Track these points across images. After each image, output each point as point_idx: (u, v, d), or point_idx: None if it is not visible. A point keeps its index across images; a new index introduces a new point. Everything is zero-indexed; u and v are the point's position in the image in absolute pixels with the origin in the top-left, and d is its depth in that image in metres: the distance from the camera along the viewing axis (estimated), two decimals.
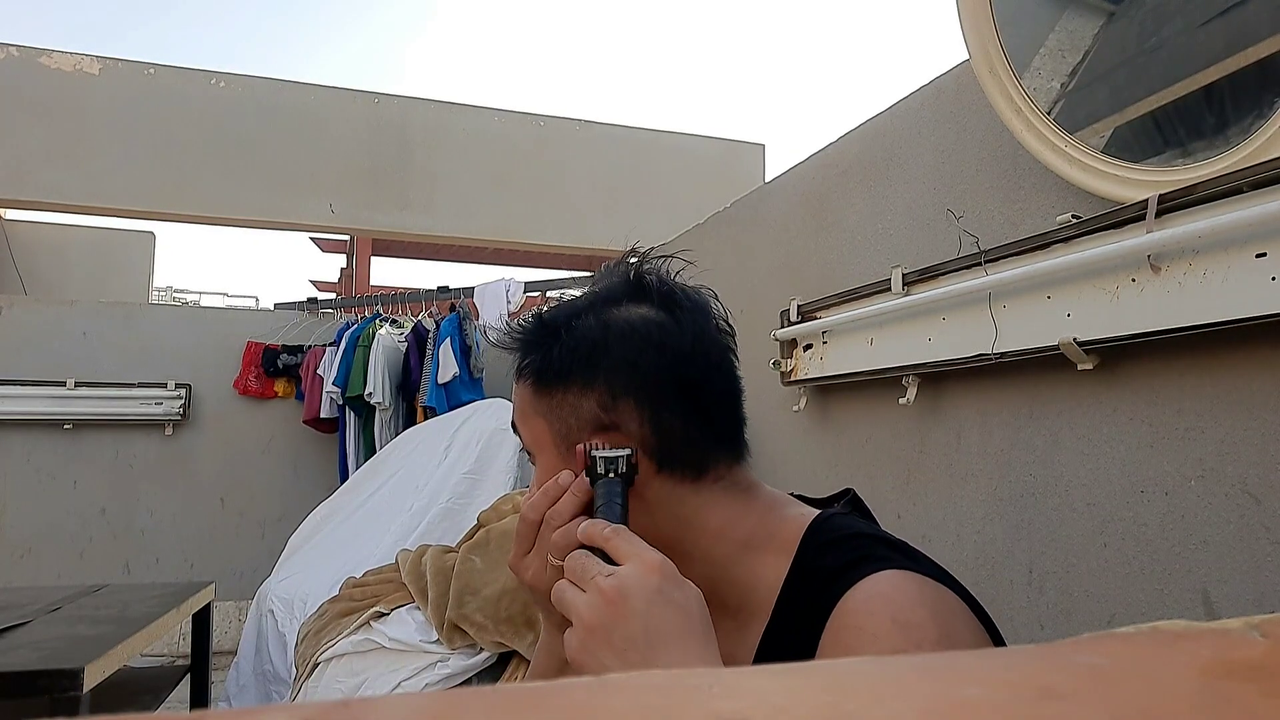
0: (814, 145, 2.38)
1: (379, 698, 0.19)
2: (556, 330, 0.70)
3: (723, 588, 0.67)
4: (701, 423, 0.69)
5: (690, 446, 0.68)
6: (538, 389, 0.70)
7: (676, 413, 0.67)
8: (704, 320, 0.71)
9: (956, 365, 1.45)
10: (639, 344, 0.67)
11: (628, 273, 0.72)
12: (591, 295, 0.72)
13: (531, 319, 0.74)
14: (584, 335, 0.68)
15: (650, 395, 0.67)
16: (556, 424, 0.69)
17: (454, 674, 2.10)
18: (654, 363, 0.67)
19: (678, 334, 0.69)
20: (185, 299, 10.26)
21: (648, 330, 0.68)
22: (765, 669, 0.21)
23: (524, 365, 0.71)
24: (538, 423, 0.70)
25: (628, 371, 0.67)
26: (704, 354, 0.69)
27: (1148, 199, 1.08)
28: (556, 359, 0.69)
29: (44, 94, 4.34)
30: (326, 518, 3.40)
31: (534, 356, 0.71)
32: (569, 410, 0.68)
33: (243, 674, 2.85)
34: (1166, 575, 1.13)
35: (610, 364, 0.67)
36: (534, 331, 0.72)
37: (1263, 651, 0.21)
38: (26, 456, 4.09)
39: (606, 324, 0.69)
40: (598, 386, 0.67)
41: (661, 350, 0.68)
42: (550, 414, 0.69)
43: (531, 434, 0.72)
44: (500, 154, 5.10)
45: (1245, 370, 1.04)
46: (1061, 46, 1.30)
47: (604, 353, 0.67)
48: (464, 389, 4.13)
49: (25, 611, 1.95)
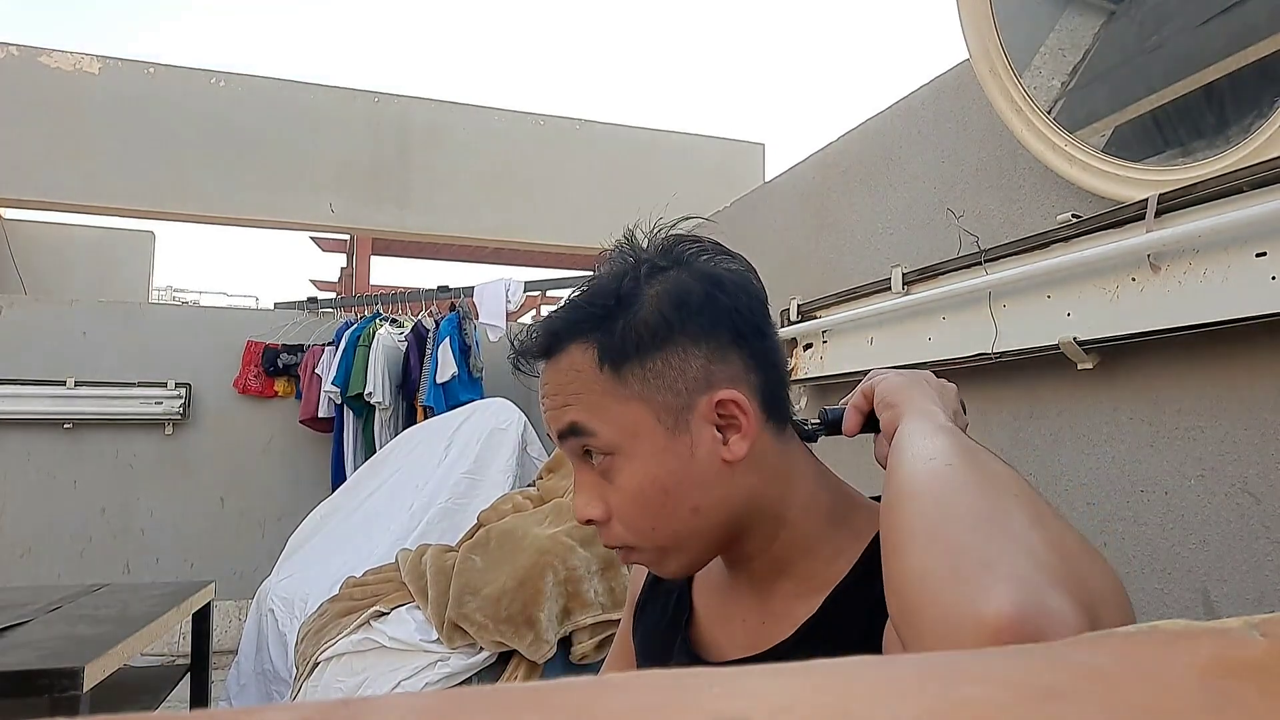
0: (814, 145, 2.38)
1: (379, 697, 0.19)
2: (621, 301, 0.63)
3: (800, 556, 0.66)
4: (782, 367, 0.67)
5: (780, 392, 0.66)
6: (619, 370, 0.62)
7: (768, 357, 0.66)
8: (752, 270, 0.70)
9: (956, 365, 1.45)
10: (734, 290, 0.64)
11: (661, 243, 0.68)
12: (631, 266, 0.65)
13: (566, 307, 0.66)
14: (673, 293, 0.63)
15: (751, 341, 0.64)
16: (658, 399, 0.62)
17: (454, 673, 2.10)
18: (749, 306, 0.65)
19: (753, 279, 0.68)
20: (185, 299, 10.26)
21: (734, 277, 0.66)
22: (765, 669, 0.21)
23: (589, 351, 0.62)
24: (630, 408, 0.62)
25: (730, 318, 0.63)
26: (766, 300, 0.69)
27: (1148, 198, 1.08)
28: (642, 326, 0.62)
29: (44, 94, 4.34)
30: (326, 517, 3.40)
31: (600, 338, 0.62)
32: (672, 377, 0.62)
33: (244, 673, 2.86)
34: (1166, 575, 1.13)
35: (714, 314, 0.63)
36: (586, 312, 0.64)
37: (1263, 651, 0.21)
38: (26, 456, 4.09)
39: (700, 275, 0.64)
40: (702, 342, 0.62)
41: (749, 294, 0.66)
42: (646, 392, 0.62)
43: (620, 425, 0.62)
44: (500, 154, 5.10)
45: (1245, 370, 1.04)
46: (1061, 46, 1.30)
47: (705, 304, 0.63)
48: (463, 389, 4.14)
49: (25, 611, 1.96)
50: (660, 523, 0.63)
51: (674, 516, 0.63)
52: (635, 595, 0.84)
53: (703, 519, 0.63)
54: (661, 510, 0.62)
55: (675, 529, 0.63)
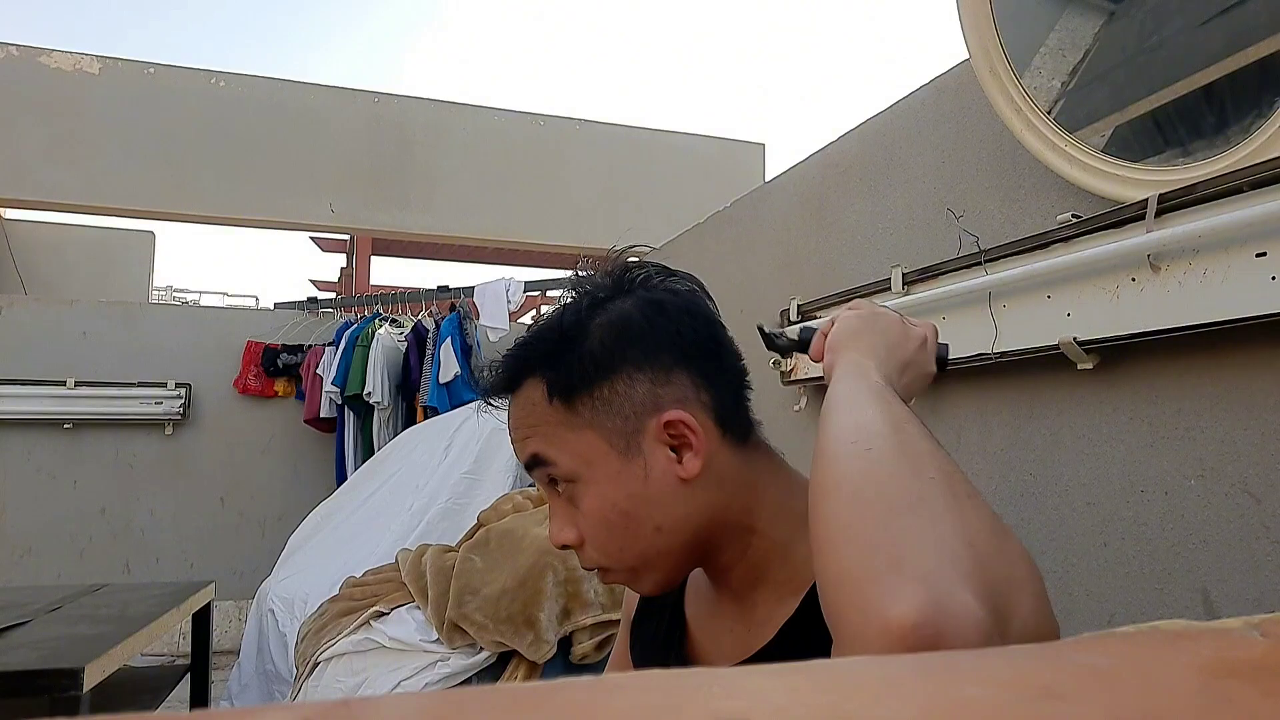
0: (814, 145, 2.38)
1: (379, 697, 0.19)
2: (565, 336, 0.66)
3: (776, 562, 0.67)
4: (737, 383, 0.69)
5: (738, 407, 0.68)
6: (570, 401, 0.64)
7: (720, 374, 0.67)
8: (702, 289, 0.72)
9: (956, 365, 1.45)
10: (676, 313, 0.66)
11: (611, 272, 0.70)
12: (577, 298, 0.69)
13: (519, 345, 0.68)
14: (615, 323, 0.65)
15: (698, 361, 0.66)
16: (609, 425, 0.64)
17: (454, 673, 2.10)
18: (693, 327, 0.67)
19: (701, 299, 0.70)
20: (185, 299, 10.26)
21: (678, 300, 0.68)
22: (765, 669, 0.21)
23: (540, 386, 0.65)
24: (583, 436, 0.64)
25: (673, 341, 0.65)
26: (717, 318, 0.71)
27: (1148, 198, 1.08)
28: (586, 358, 0.64)
29: (44, 94, 4.34)
30: (326, 517, 3.40)
31: (548, 373, 0.65)
32: (619, 403, 0.64)
33: (245, 673, 2.86)
34: (1166, 575, 1.13)
35: (655, 339, 0.65)
36: (535, 348, 0.67)
37: (1263, 651, 0.21)
38: (26, 456, 4.10)
39: (642, 303, 0.66)
40: (645, 367, 0.64)
41: (694, 315, 0.68)
42: (597, 420, 0.64)
43: (575, 453, 0.65)
44: (500, 154, 5.10)
45: (1245, 370, 1.04)
46: (1062, 46, 1.29)
47: (646, 330, 0.65)
48: (466, 388, 4.14)
49: (25, 611, 1.96)
50: (627, 543, 0.65)
51: (639, 537, 0.64)
52: (630, 612, 0.85)
53: (667, 537, 0.65)
54: (626, 532, 0.64)
55: (641, 549, 0.65)
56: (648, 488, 0.64)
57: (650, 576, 0.67)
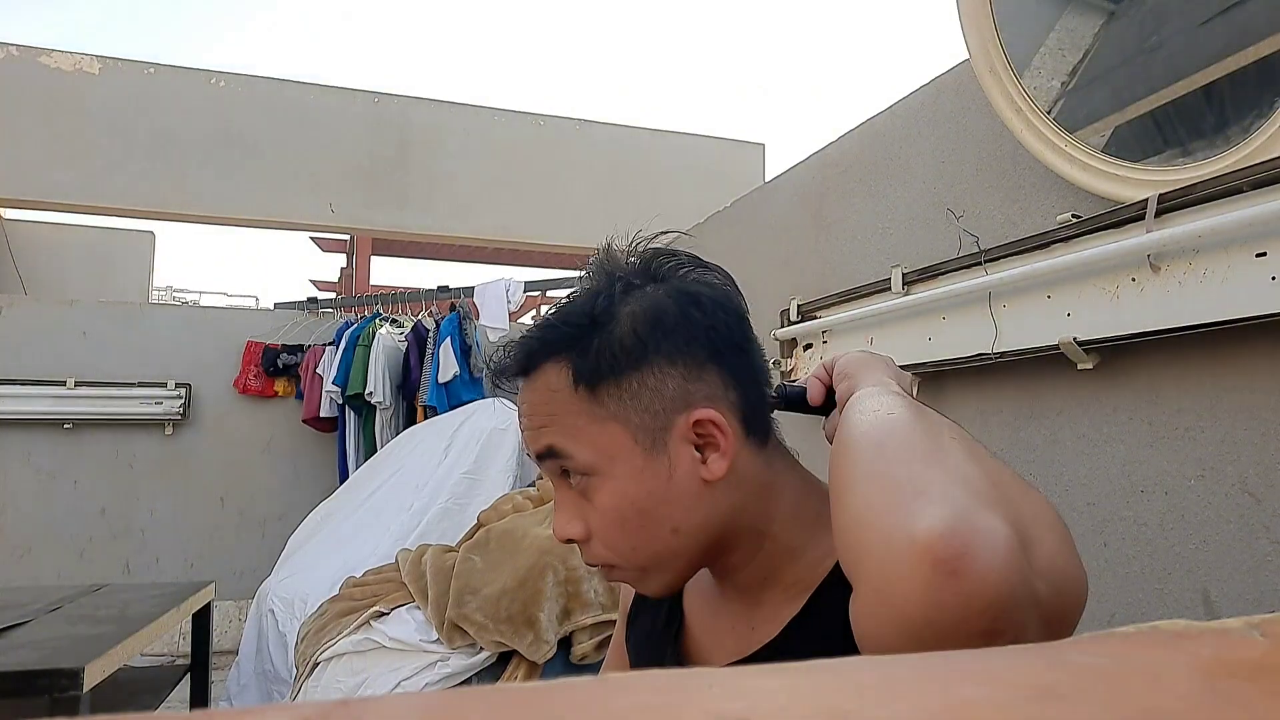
0: (814, 145, 2.38)
1: (379, 697, 0.19)
2: (594, 321, 0.62)
3: (787, 564, 0.65)
4: (762, 382, 0.67)
5: (761, 407, 0.66)
6: (595, 390, 0.61)
7: (748, 373, 0.65)
8: (733, 283, 0.70)
9: (956, 365, 1.45)
10: (711, 307, 0.64)
11: (639, 257, 0.68)
12: (606, 283, 0.65)
13: (539, 326, 0.65)
14: (649, 311, 0.62)
15: (729, 357, 0.63)
16: (635, 419, 0.61)
17: (454, 674, 2.10)
18: (726, 323, 0.64)
19: (734, 294, 0.68)
20: (185, 299, 10.25)
21: (713, 294, 0.65)
22: (765, 669, 0.21)
23: (564, 371, 0.62)
24: (607, 429, 0.61)
25: (707, 336, 0.62)
26: (747, 314, 0.68)
27: (1148, 198, 1.08)
28: (617, 345, 0.61)
29: (44, 94, 4.34)
30: (327, 517, 3.40)
31: (574, 358, 0.61)
32: (649, 397, 0.61)
33: (244, 673, 2.86)
34: (1166, 575, 1.13)
35: (689, 332, 0.62)
36: (559, 330, 0.63)
37: (1263, 651, 0.21)
38: (26, 456, 4.10)
39: (676, 293, 0.63)
40: (678, 360, 0.61)
41: (728, 310, 0.65)
42: (623, 412, 0.61)
43: (596, 446, 0.61)
44: (500, 154, 5.10)
45: (1245, 370, 1.04)
46: (1061, 46, 1.30)
47: (680, 322, 0.62)
48: (465, 389, 4.14)
49: (25, 611, 1.96)
50: (640, 543, 0.62)
51: (654, 537, 0.62)
52: (627, 607, 0.84)
53: (683, 539, 0.63)
54: (641, 531, 0.62)
55: (656, 549, 0.63)
56: (670, 487, 0.61)
57: (659, 578, 0.65)
